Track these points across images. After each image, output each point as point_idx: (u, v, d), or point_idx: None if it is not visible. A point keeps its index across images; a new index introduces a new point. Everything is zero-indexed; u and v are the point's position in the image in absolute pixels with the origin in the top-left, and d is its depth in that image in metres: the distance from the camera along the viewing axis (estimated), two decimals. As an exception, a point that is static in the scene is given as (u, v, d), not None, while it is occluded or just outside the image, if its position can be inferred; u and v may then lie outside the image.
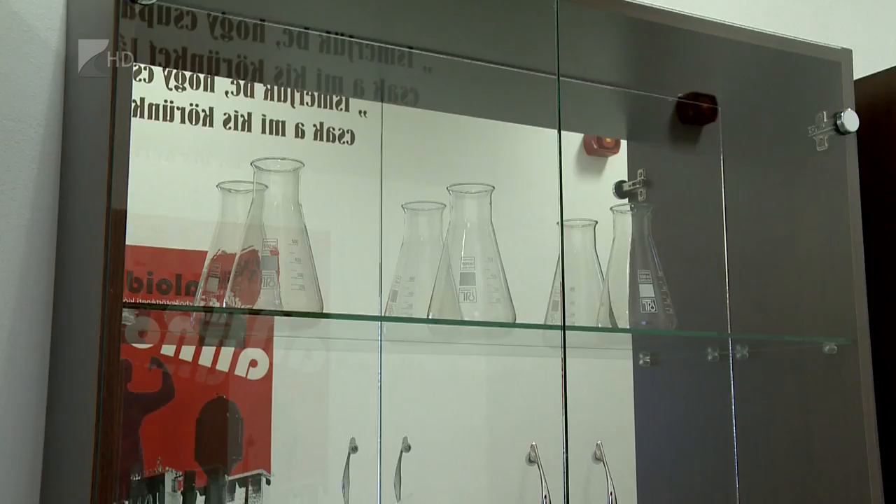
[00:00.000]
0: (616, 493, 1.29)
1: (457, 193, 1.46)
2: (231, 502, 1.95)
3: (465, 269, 1.40)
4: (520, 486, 1.31)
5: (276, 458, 1.96)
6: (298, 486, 1.99)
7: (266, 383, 1.99)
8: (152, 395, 1.95)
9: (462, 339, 1.54)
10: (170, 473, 1.92)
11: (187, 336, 1.97)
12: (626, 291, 1.56)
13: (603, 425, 1.41)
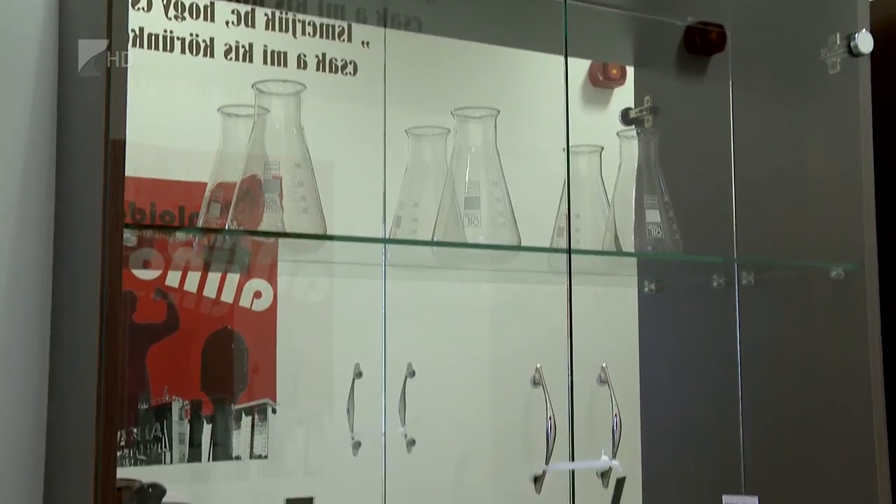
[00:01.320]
0: (621, 415, 1.29)
1: (461, 118, 1.44)
2: (237, 430, 1.97)
3: (469, 194, 1.39)
4: (524, 409, 1.32)
5: (281, 388, 1.98)
6: (304, 415, 2.01)
7: (270, 314, 2.00)
8: (157, 325, 1.96)
9: (466, 264, 1.53)
10: (177, 402, 1.94)
11: (191, 265, 1.97)
12: (632, 218, 1.55)
13: (608, 350, 1.41)
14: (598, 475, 1.27)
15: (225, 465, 1.97)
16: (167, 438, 1.94)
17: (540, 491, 1.23)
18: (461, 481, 1.91)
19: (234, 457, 1.97)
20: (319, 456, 1.98)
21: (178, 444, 1.94)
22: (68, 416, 1.17)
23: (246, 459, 1.97)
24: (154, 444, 1.92)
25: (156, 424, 1.94)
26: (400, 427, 1.59)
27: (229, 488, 1.95)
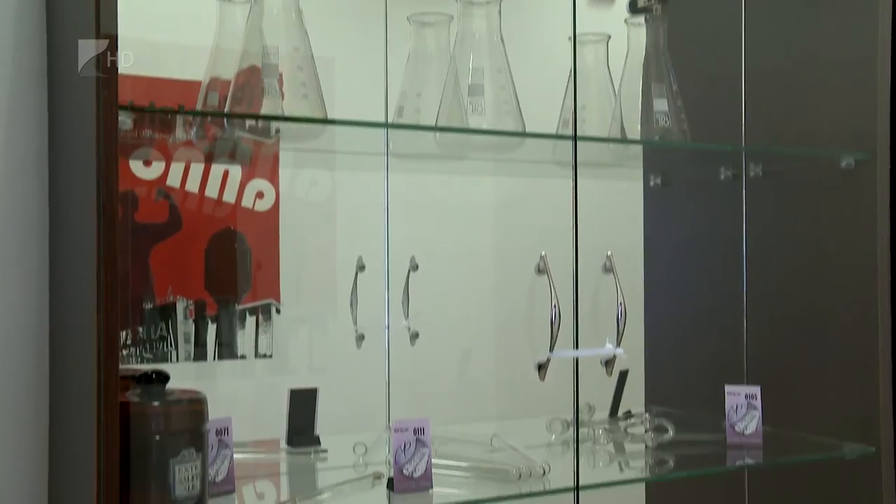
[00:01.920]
0: (626, 304, 1.28)
1: (465, 3, 1.39)
2: (242, 330, 1.98)
3: (473, 81, 1.35)
4: (528, 297, 1.31)
5: (285, 288, 1.98)
6: (307, 313, 2.01)
7: (273, 214, 1.99)
8: (160, 225, 1.95)
9: (470, 153, 1.51)
10: (181, 302, 1.95)
11: (191, 162, 1.95)
12: (639, 110, 1.52)
13: (613, 244, 1.39)
14: (602, 363, 1.27)
15: (230, 363, 1.98)
16: (172, 337, 1.95)
17: (544, 378, 1.23)
18: (465, 372, 1.93)
19: (239, 356, 1.98)
20: (323, 353, 1.98)
21: (183, 343, 1.95)
22: (70, 303, 1.16)
23: (251, 358, 1.98)
24: (160, 342, 1.93)
25: (161, 324, 1.94)
26: (403, 320, 1.58)
27: (235, 386, 1.97)
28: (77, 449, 1.10)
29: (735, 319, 1.64)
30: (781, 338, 1.60)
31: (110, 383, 0.99)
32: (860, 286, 1.47)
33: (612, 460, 1.52)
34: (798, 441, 1.53)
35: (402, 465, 1.22)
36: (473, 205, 1.97)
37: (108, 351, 0.98)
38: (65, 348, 1.19)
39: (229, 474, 1.22)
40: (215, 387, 1.97)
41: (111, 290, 0.97)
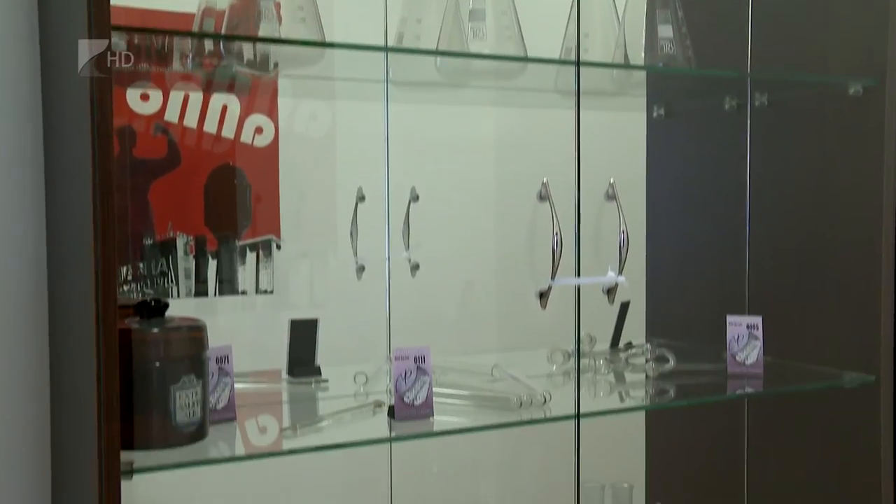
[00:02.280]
0: (628, 232, 1.27)
1: (466, -75, 1.36)
2: (242, 266, 1.98)
3: (474, 6, 1.32)
4: (530, 225, 1.30)
5: (285, 224, 1.97)
6: (308, 248, 2.00)
7: (272, 150, 1.97)
8: (158, 161, 1.93)
9: (471, 80, 1.48)
10: (181, 238, 1.94)
11: (188, 94, 1.92)
12: (643, 39, 1.49)
13: (615, 173, 1.38)
14: (604, 292, 1.26)
15: (231, 299, 1.98)
16: (173, 273, 1.94)
17: (545, 307, 1.22)
18: (466, 304, 1.92)
19: (240, 292, 1.98)
20: (324, 288, 1.98)
21: (184, 279, 1.95)
22: (67, 231, 1.15)
23: (252, 294, 1.98)
24: (160, 278, 1.92)
25: (161, 260, 1.94)
26: (404, 251, 1.58)
27: (236, 320, 1.97)
28: (77, 377, 1.09)
29: (737, 251, 1.64)
30: (784, 269, 1.59)
31: (108, 310, 0.98)
32: (865, 216, 1.45)
33: (612, 390, 1.52)
34: (798, 371, 1.54)
35: (402, 393, 1.22)
36: (474, 135, 1.95)
37: (105, 277, 0.97)
38: (63, 279, 1.19)
39: (230, 402, 1.23)
40: (216, 321, 1.97)
41: (107, 213, 0.96)
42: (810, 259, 1.55)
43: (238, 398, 1.26)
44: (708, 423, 1.73)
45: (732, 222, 1.64)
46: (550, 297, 1.29)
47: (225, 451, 1.14)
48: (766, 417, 1.63)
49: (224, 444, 1.15)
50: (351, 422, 1.27)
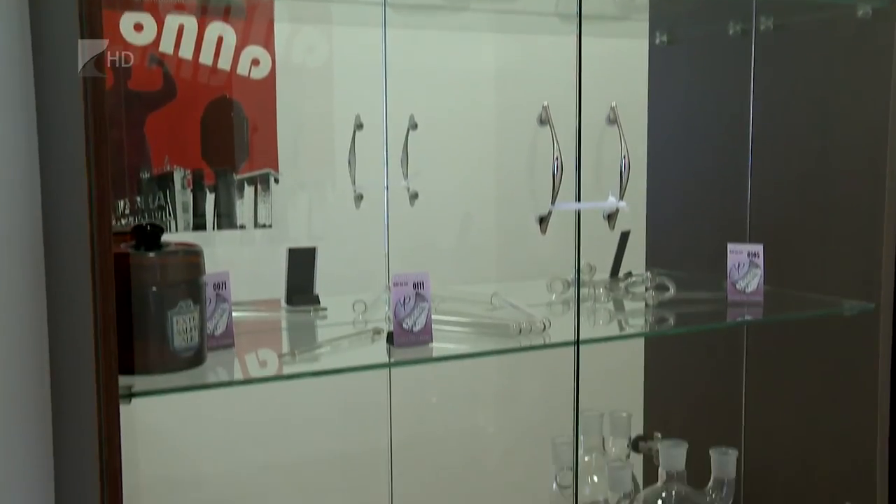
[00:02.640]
0: (630, 157, 1.25)
1: None
2: (240, 200, 1.96)
3: (474, -75, 1.29)
4: (530, 151, 1.28)
5: (282, 158, 1.95)
6: (306, 181, 1.98)
7: (269, 82, 1.94)
8: (154, 93, 1.91)
9: (470, 3, 1.45)
10: (178, 172, 1.92)
11: (184, 27, 1.89)
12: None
13: (617, 99, 1.35)
14: (605, 217, 1.24)
15: (230, 233, 1.97)
16: (171, 207, 1.93)
17: (545, 232, 1.21)
18: (465, 233, 1.91)
19: (238, 226, 1.97)
20: (323, 221, 1.97)
21: (182, 212, 1.94)
22: (60, 157, 1.13)
23: (250, 228, 1.97)
24: (158, 212, 1.91)
25: (159, 193, 1.92)
26: (402, 180, 1.56)
27: (235, 254, 1.96)
28: (74, 302, 1.09)
29: (739, 179, 1.62)
30: (786, 197, 1.58)
31: (103, 233, 0.97)
32: (869, 143, 1.43)
33: (612, 318, 1.52)
34: (798, 299, 1.53)
35: (401, 319, 1.21)
36: (474, 62, 1.92)
37: (99, 201, 0.96)
38: (58, 204, 1.17)
39: (228, 328, 1.22)
40: (215, 255, 1.97)
41: (100, 135, 0.94)
42: (813, 187, 1.53)
43: (236, 326, 1.25)
44: (707, 351, 1.73)
45: (735, 150, 1.62)
46: (550, 228, 1.29)
47: (223, 377, 1.14)
48: (765, 346, 1.63)
49: (222, 370, 1.15)
50: (350, 348, 1.27)
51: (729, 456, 1.50)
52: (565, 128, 1.22)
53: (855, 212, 1.46)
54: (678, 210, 1.78)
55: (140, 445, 1.65)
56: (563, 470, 1.60)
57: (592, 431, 1.63)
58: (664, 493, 1.50)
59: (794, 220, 1.57)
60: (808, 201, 1.54)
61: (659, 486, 1.51)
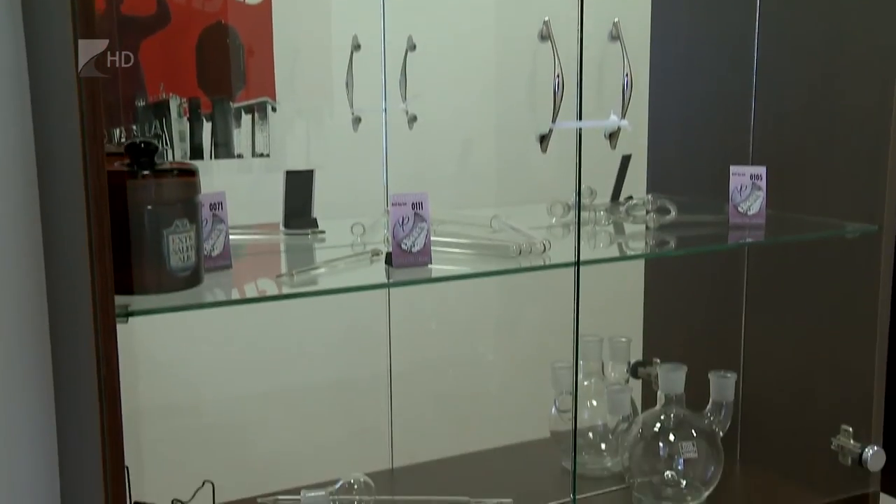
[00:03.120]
0: (632, 76, 1.23)
1: None
2: (238, 129, 1.94)
3: None
4: (531, 65, 1.25)
5: (280, 86, 1.92)
6: (304, 109, 1.96)
7: (265, 7, 1.90)
8: (147, 18, 1.87)
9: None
10: (174, 100, 1.89)
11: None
12: None
13: (619, 15, 1.31)
14: (606, 136, 1.22)
15: (227, 162, 1.95)
16: (168, 136, 1.91)
17: (546, 151, 1.19)
18: (465, 157, 1.89)
19: (236, 155, 1.95)
20: (321, 149, 1.95)
21: (179, 141, 1.92)
22: (51, 75, 1.11)
23: (248, 158, 1.95)
24: (155, 141, 1.89)
25: (155, 122, 1.90)
26: (401, 103, 1.54)
27: (232, 182, 1.94)
28: (68, 222, 1.08)
29: (743, 100, 1.59)
30: (790, 120, 1.56)
31: (96, 150, 0.96)
32: (876, 66, 1.41)
33: (612, 241, 1.51)
34: (801, 222, 1.52)
35: (400, 240, 1.20)
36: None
37: (91, 115, 0.94)
38: (50, 126, 1.16)
39: (225, 249, 1.21)
40: (213, 184, 1.95)
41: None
42: (817, 110, 1.51)
43: (234, 249, 1.25)
44: (707, 276, 1.73)
45: (739, 71, 1.59)
46: (551, 152, 1.27)
47: (220, 296, 1.13)
48: (766, 269, 1.63)
49: (219, 290, 1.14)
50: (348, 270, 1.26)
51: (728, 379, 1.51)
52: (567, 44, 1.19)
53: (860, 134, 1.44)
54: (680, 133, 1.75)
55: (140, 372, 1.65)
56: (563, 394, 1.61)
57: (592, 357, 1.63)
58: (663, 416, 1.51)
59: (798, 144, 1.55)
60: (813, 124, 1.52)
61: (658, 409, 1.52)
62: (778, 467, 1.63)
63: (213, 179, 1.94)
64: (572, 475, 1.32)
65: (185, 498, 1.26)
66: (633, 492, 1.53)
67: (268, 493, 1.54)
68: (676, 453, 1.48)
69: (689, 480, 1.49)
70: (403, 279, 1.20)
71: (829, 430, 1.51)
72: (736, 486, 1.63)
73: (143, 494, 1.27)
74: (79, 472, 1.17)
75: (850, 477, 1.51)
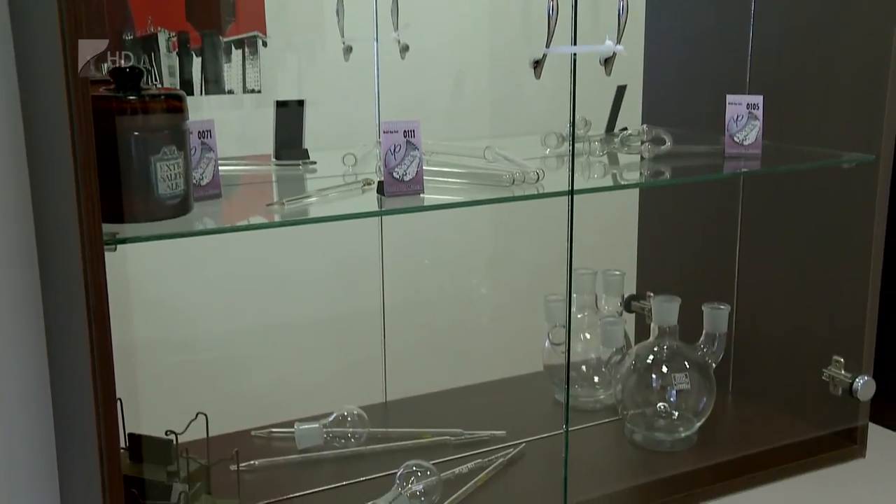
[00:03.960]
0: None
1: None
2: (228, 64, 1.91)
3: None
4: (523, 18, 1.23)
5: (270, 19, 1.89)
6: (295, 40, 1.93)
7: (255, -64, 1.86)
8: (132, -53, 1.83)
9: None
10: (162, 34, 1.86)
11: None
12: None
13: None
14: (601, 62, 1.20)
15: (218, 98, 1.92)
16: (157, 71, 1.88)
17: (539, 76, 1.17)
18: (458, 88, 1.87)
19: (226, 91, 1.92)
20: (313, 84, 1.92)
21: (168, 76, 1.89)
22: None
23: (239, 94, 1.92)
24: (145, 77, 1.86)
25: (143, 56, 1.86)
26: (392, 32, 1.51)
27: (223, 118, 1.92)
28: (53, 148, 1.06)
29: (741, 30, 1.57)
30: (788, 49, 1.53)
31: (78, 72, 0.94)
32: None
33: (606, 172, 1.49)
34: (797, 153, 1.51)
35: (392, 168, 1.19)
36: None
37: (71, 32, 0.92)
38: (31, 50, 1.13)
39: (214, 178, 1.20)
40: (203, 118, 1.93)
41: None
42: (815, 40, 1.48)
43: (224, 180, 1.23)
44: (702, 208, 1.72)
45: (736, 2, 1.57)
46: (545, 83, 1.24)
47: (210, 225, 1.12)
48: (760, 201, 1.62)
49: (209, 219, 1.13)
50: (340, 199, 1.24)
51: (721, 311, 1.51)
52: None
53: (858, 63, 1.42)
54: (677, 63, 1.73)
55: (133, 308, 1.65)
56: (556, 327, 1.61)
57: (585, 290, 1.63)
58: (656, 348, 1.51)
59: (796, 74, 1.52)
60: (811, 54, 1.49)
61: (651, 340, 1.52)
62: (769, 399, 1.64)
63: (203, 116, 1.91)
64: (565, 407, 1.33)
65: (178, 430, 1.26)
66: (626, 423, 1.54)
67: (262, 425, 1.54)
68: (669, 385, 1.48)
69: (681, 412, 1.50)
70: (396, 207, 1.19)
71: (821, 362, 1.51)
72: (727, 418, 1.64)
73: (139, 428, 1.27)
74: (71, 404, 1.17)
75: (840, 409, 1.52)
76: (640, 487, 1.41)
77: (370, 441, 1.49)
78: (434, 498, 1.30)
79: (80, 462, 1.15)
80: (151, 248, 1.12)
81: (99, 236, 0.96)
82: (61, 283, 1.13)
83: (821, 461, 1.48)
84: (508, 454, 1.46)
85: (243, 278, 1.73)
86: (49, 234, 1.18)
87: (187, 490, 1.16)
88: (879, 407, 1.53)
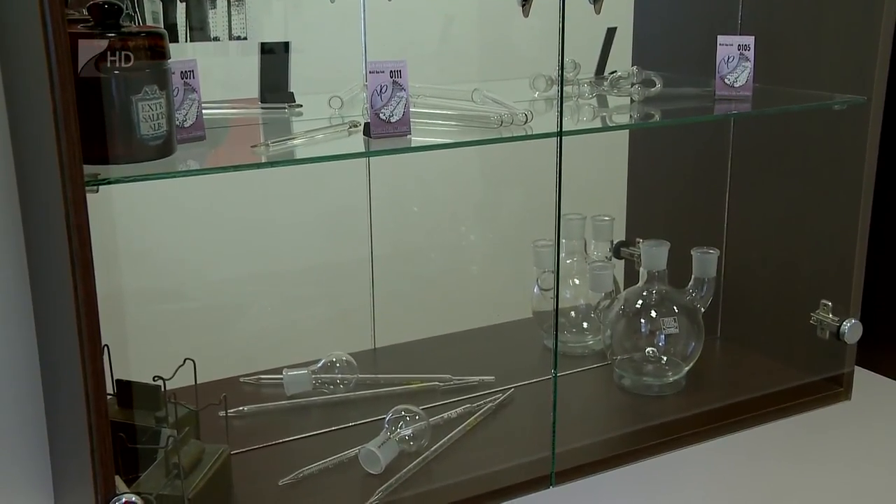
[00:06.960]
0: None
1: None
2: (213, 10, 1.88)
3: None
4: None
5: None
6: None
7: None
8: None
9: None
10: (145, -21, 1.82)
11: None
12: None
13: None
14: (591, 1, 1.18)
15: (203, 46, 1.89)
16: (140, 17, 1.84)
17: (528, 15, 1.15)
18: (446, 32, 1.83)
19: (212, 38, 1.89)
20: (299, 30, 1.89)
21: (151, 23, 1.85)
22: None
23: (225, 41, 1.89)
24: (126, 21, 1.82)
25: (126, 1, 1.83)
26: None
27: (209, 65, 1.88)
28: (31, 90, 1.04)
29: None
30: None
31: (56, 8, 0.91)
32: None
33: (596, 114, 1.48)
34: (788, 95, 1.49)
35: (378, 109, 1.17)
36: None
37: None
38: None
39: (198, 120, 1.18)
40: (188, 66, 1.89)
41: None
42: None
43: (208, 122, 1.21)
44: (691, 151, 1.71)
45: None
46: (533, 25, 1.23)
47: (193, 166, 1.10)
48: (751, 144, 1.61)
49: (192, 160, 1.11)
50: (326, 141, 1.23)
51: (710, 255, 1.50)
52: None
53: (850, 4, 1.40)
54: (667, 4, 1.70)
55: (120, 255, 1.64)
56: (545, 273, 1.60)
57: (574, 235, 1.63)
58: (645, 293, 1.51)
59: (787, 16, 1.50)
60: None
61: (640, 285, 1.52)
62: (757, 343, 1.65)
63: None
64: (553, 353, 1.33)
65: (166, 376, 1.26)
66: (615, 368, 1.54)
67: (250, 372, 1.54)
68: (658, 329, 1.48)
69: (669, 356, 1.50)
70: (383, 149, 1.17)
71: (809, 307, 1.51)
72: (715, 363, 1.64)
73: (128, 376, 1.27)
74: (58, 350, 1.16)
75: (827, 352, 1.52)
76: (628, 432, 1.41)
77: (359, 387, 1.49)
78: (423, 442, 1.30)
79: (67, 407, 1.14)
80: (136, 195, 1.11)
81: (80, 178, 0.95)
82: (44, 228, 1.12)
83: (807, 404, 1.49)
84: (497, 399, 1.46)
85: (230, 224, 1.71)
86: (30, 178, 1.17)
87: (176, 435, 1.16)
88: (865, 350, 1.54)
